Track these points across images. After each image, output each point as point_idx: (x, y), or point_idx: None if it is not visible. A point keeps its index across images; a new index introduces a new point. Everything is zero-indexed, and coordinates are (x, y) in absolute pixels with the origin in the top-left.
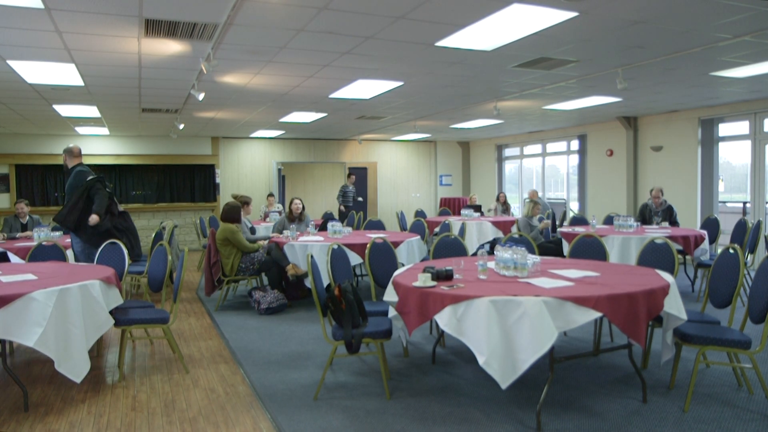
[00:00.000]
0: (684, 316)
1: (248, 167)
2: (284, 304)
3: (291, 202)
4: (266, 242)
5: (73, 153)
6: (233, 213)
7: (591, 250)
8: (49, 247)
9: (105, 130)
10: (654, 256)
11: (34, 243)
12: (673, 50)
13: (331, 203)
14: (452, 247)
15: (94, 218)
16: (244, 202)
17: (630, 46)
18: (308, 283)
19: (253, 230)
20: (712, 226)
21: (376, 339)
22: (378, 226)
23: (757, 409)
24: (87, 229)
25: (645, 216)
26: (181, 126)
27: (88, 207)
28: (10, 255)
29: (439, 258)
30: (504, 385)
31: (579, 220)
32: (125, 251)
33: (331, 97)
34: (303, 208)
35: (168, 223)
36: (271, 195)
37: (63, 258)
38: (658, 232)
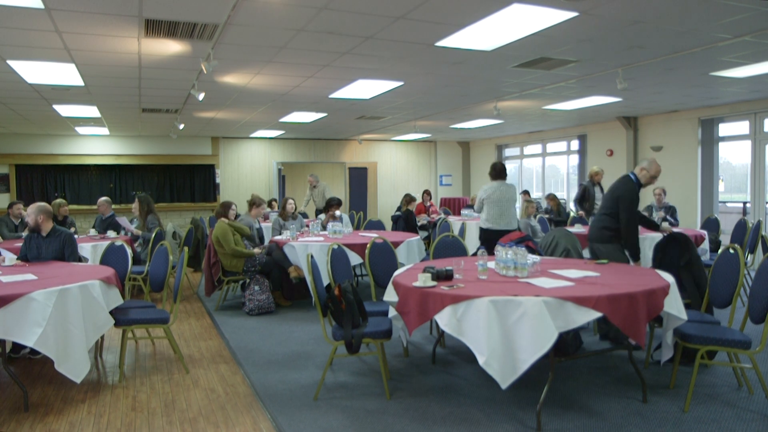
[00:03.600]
0: (684, 316)
1: (248, 167)
2: (270, 311)
3: (285, 202)
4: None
5: None
6: (222, 208)
7: None
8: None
9: (105, 130)
10: None
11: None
12: (673, 50)
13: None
14: (452, 247)
15: None
16: (254, 203)
17: (630, 46)
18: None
19: (260, 231)
20: (712, 226)
21: (376, 339)
22: (378, 226)
23: (757, 409)
24: None
25: (650, 215)
26: (181, 126)
27: None
28: (4, 251)
29: (439, 258)
30: (504, 385)
31: (579, 220)
32: (129, 252)
33: (331, 97)
34: (296, 207)
35: (168, 227)
36: (274, 200)
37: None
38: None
